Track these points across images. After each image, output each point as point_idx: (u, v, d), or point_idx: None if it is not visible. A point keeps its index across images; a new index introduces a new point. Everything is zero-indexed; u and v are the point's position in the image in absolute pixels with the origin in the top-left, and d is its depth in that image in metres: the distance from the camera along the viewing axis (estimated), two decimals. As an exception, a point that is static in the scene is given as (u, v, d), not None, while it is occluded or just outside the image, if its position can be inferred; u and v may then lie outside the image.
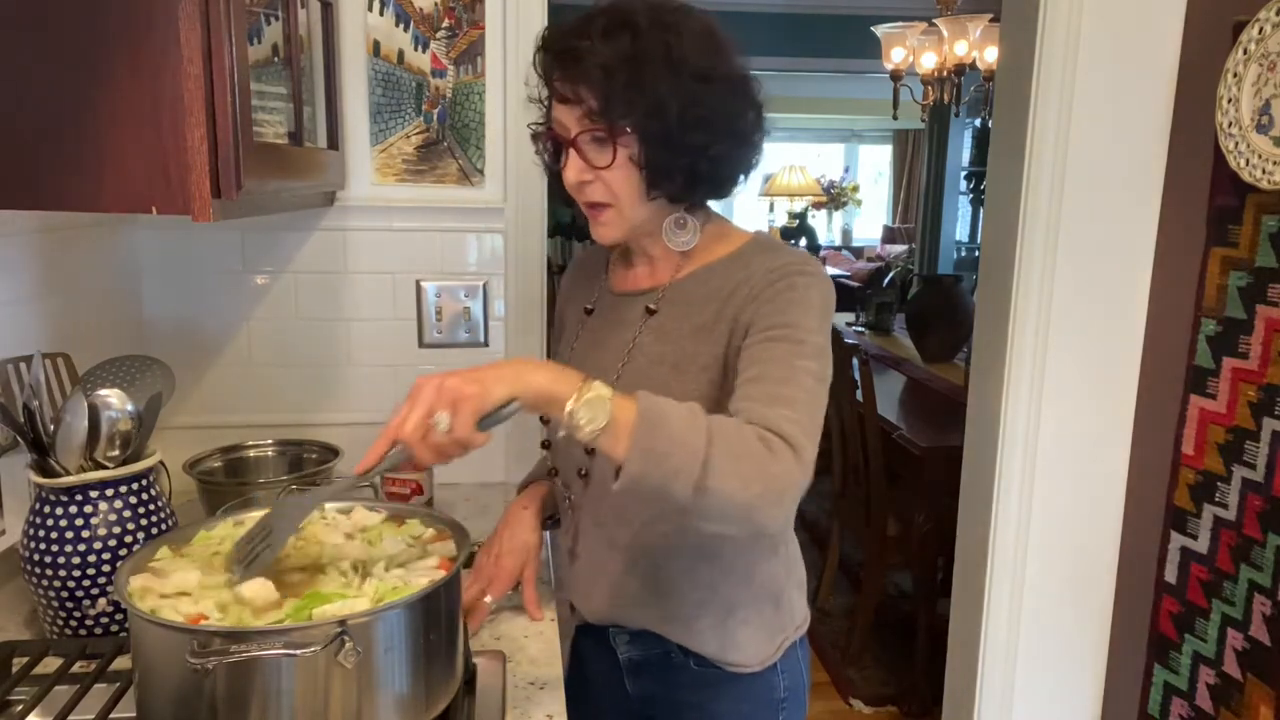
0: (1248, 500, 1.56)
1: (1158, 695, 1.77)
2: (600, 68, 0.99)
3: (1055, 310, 1.74)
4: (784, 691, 1.21)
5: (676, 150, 1.02)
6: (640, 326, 1.14)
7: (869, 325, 4.77)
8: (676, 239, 1.13)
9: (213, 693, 0.81)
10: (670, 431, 0.88)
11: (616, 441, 0.88)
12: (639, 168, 1.03)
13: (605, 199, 1.07)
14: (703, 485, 0.86)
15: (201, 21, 0.99)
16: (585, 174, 1.05)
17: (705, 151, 1.04)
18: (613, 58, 0.99)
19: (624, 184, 1.05)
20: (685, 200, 1.10)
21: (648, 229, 1.12)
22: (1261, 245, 1.52)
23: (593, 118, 1.02)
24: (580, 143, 1.04)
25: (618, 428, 0.88)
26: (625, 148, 1.02)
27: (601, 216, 1.09)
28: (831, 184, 10.30)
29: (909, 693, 2.95)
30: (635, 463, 0.87)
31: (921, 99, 4.38)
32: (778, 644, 1.20)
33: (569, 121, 1.04)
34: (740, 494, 0.88)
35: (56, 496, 1.13)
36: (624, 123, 1.01)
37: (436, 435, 0.86)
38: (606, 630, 1.25)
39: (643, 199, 1.06)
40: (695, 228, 1.13)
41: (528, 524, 1.29)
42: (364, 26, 1.69)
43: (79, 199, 1.02)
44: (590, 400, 0.88)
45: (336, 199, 1.72)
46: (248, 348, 1.77)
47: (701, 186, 1.08)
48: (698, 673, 1.18)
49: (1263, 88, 1.48)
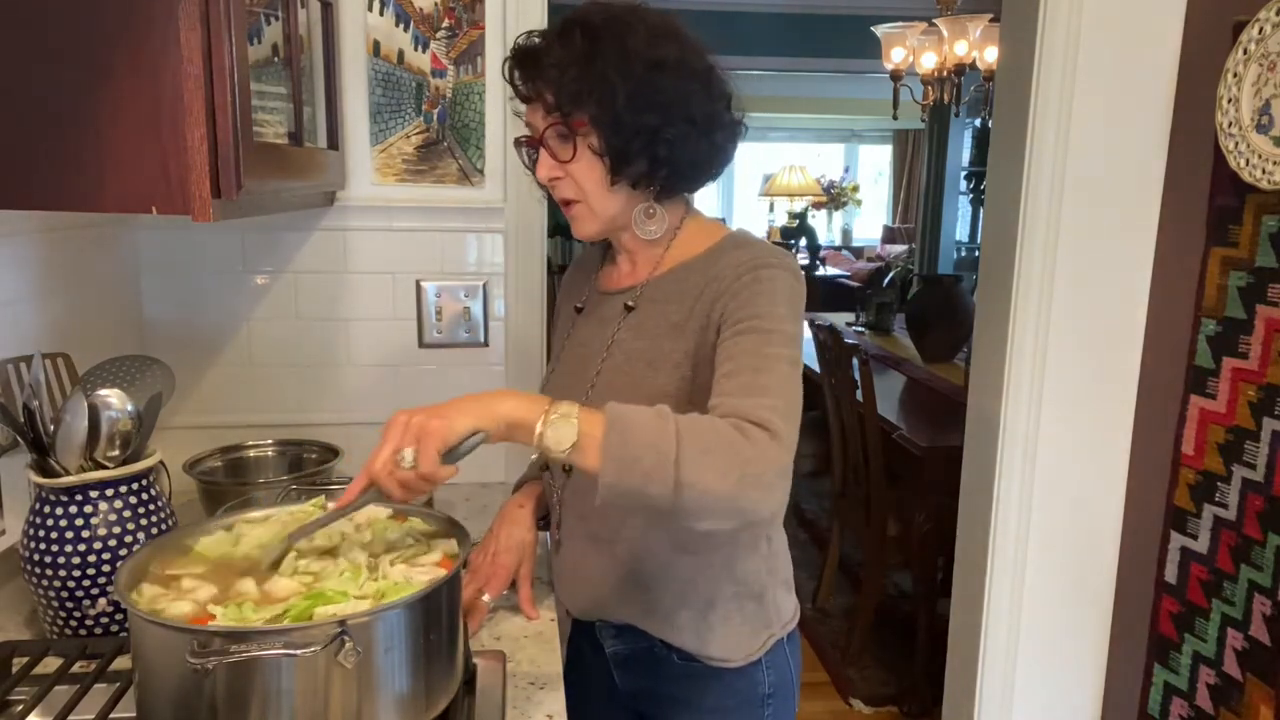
0: (1248, 500, 1.56)
1: (1158, 695, 1.77)
2: (554, 66, 1.05)
3: (1055, 310, 1.74)
4: (769, 688, 1.22)
5: (629, 133, 1.06)
6: (619, 323, 1.17)
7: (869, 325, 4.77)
8: (645, 228, 1.16)
9: (213, 693, 0.81)
10: (639, 437, 0.89)
11: (588, 456, 0.90)
12: (600, 157, 1.07)
13: (574, 194, 1.11)
14: (679, 482, 0.88)
15: (201, 21, 0.99)
16: (555, 170, 1.10)
17: (660, 134, 1.06)
18: (565, 56, 1.05)
19: (589, 175, 1.09)
20: (649, 186, 1.12)
21: (622, 222, 1.15)
22: (1261, 245, 1.52)
23: (550, 112, 1.07)
24: (546, 139, 1.09)
25: (587, 442, 0.90)
26: (584, 138, 1.07)
27: (573, 211, 1.13)
28: (831, 184, 10.30)
29: (909, 693, 2.95)
30: (609, 473, 0.89)
31: (921, 99, 4.38)
32: (762, 640, 1.21)
33: (535, 121, 1.10)
34: (719, 485, 0.89)
35: (56, 496, 1.13)
36: (578, 113, 1.05)
37: (402, 471, 0.90)
38: (593, 625, 1.27)
39: (608, 189, 1.10)
40: (663, 216, 1.15)
41: (524, 522, 1.30)
42: (364, 26, 1.69)
43: (79, 199, 1.02)
44: (556, 421, 0.91)
45: (336, 199, 1.72)
46: (248, 348, 1.77)
47: (662, 170, 1.10)
48: (681, 666, 1.20)
49: (1263, 88, 1.48)
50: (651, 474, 0.88)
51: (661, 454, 0.88)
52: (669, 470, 0.88)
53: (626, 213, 1.14)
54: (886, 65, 4.26)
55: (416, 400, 0.93)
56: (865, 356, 3.11)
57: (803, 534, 4.26)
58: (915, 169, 9.51)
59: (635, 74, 1.04)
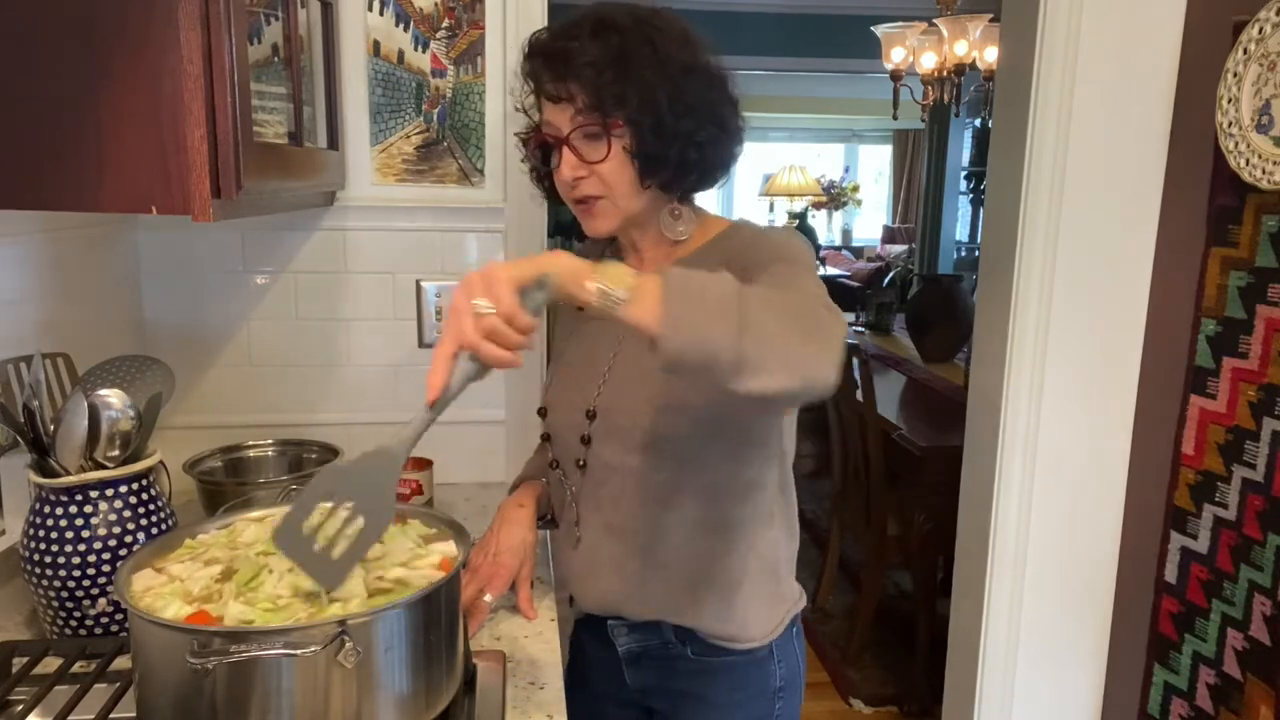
0: (1248, 500, 1.56)
1: (1158, 695, 1.77)
2: (590, 65, 1.04)
3: (1055, 310, 1.74)
4: (780, 681, 1.23)
5: (668, 138, 1.06)
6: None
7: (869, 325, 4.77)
8: (674, 229, 1.17)
9: (213, 693, 0.81)
10: (699, 281, 0.85)
11: (645, 301, 0.83)
12: (633, 158, 1.07)
13: (599, 192, 1.10)
14: (745, 322, 0.82)
15: (201, 21, 0.99)
16: (579, 170, 1.09)
17: (693, 138, 1.08)
18: (601, 56, 1.04)
19: (618, 176, 1.09)
20: (676, 189, 1.13)
21: (639, 220, 1.15)
22: (1261, 245, 1.52)
23: (585, 113, 1.06)
24: (573, 140, 1.08)
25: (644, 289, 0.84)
26: (619, 139, 1.07)
27: (595, 208, 1.12)
28: (831, 184, 10.29)
29: (909, 693, 2.95)
30: (671, 316, 0.82)
31: (921, 99, 4.38)
32: (780, 617, 1.22)
33: (560, 121, 1.08)
34: (783, 330, 0.84)
35: (56, 496, 1.13)
36: (617, 115, 1.05)
37: (488, 320, 0.81)
38: (605, 623, 1.26)
39: (637, 189, 1.10)
40: (689, 216, 1.17)
41: (525, 522, 1.30)
42: (364, 26, 1.69)
43: (79, 199, 1.02)
44: (606, 269, 0.85)
45: (336, 199, 1.72)
46: (248, 348, 1.77)
47: (692, 174, 1.11)
48: (695, 661, 1.20)
49: (1263, 88, 1.48)
50: (715, 312, 0.82)
51: (724, 294, 0.84)
52: (732, 308, 0.82)
53: (647, 212, 1.14)
54: (886, 65, 4.26)
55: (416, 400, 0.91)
56: (865, 356, 3.11)
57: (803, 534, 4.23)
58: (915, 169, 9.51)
59: (671, 77, 1.05)
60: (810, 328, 0.87)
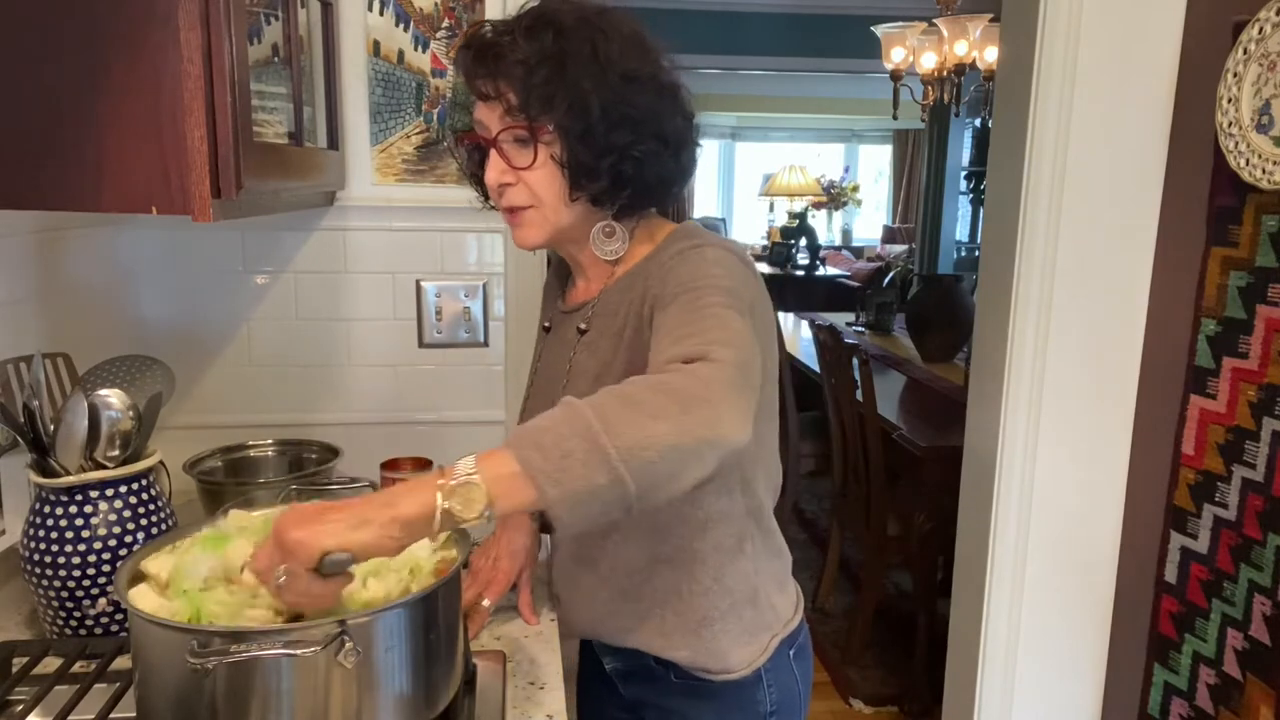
0: (1248, 500, 1.56)
1: (1158, 695, 1.77)
2: (521, 63, 0.97)
3: (1055, 310, 1.74)
4: (772, 705, 1.18)
5: (599, 149, 0.99)
6: (575, 345, 1.13)
7: (869, 325, 4.77)
8: (604, 247, 1.09)
9: (213, 693, 0.81)
10: (553, 439, 0.78)
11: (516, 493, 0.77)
12: (562, 168, 1.00)
13: (527, 201, 1.03)
14: (620, 450, 0.76)
15: (201, 21, 0.99)
16: (506, 175, 1.02)
17: (628, 151, 1.00)
18: (534, 54, 0.97)
19: (546, 186, 1.02)
20: (609, 204, 1.05)
21: (572, 235, 1.09)
22: (1261, 245, 1.52)
23: (513, 115, 0.99)
24: (501, 143, 1.01)
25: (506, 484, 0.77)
26: (547, 146, 1.00)
27: (521, 217, 1.05)
28: (831, 184, 10.29)
29: (909, 693, 2.95)
30: (550, 493, 0.76)
31: (921, 99, 4.38)
32: (764, 644, 1.16)
33: (490, 121, 1.02)
34: (659, 427, 0.78)
35: (56, 496, 1.13)
36: (544, 120, 0.98)
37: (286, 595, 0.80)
38: (592, 644, 1.27)
39: (566, 202, 1.03)
40: (624, 235, 1.08)
41: (525, 527, 1.30)
42: (364, 26, 1.69)
43: (79, 199, 1.02)
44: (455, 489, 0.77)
45: (336, 199, 1.72)
46: (248, 348, 1.77)
47: (626, 189, 1.03)
48: (679, 684, 1.17)
49: (1263, 88, 1.48)
50: (589, 462, 0.76)
51: (588, 437, 0.76)
52: (603, 445, 0.76)
53: (580, 227, 1.07)
54: (886, 65, 4.26)
55: (416, 400, 0.91)
56: (865, 356, 3.11)
57: (803, 534, 4.26)
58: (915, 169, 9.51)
59: (610, 84, 0.97)
60: (688, 399, 0.80)
